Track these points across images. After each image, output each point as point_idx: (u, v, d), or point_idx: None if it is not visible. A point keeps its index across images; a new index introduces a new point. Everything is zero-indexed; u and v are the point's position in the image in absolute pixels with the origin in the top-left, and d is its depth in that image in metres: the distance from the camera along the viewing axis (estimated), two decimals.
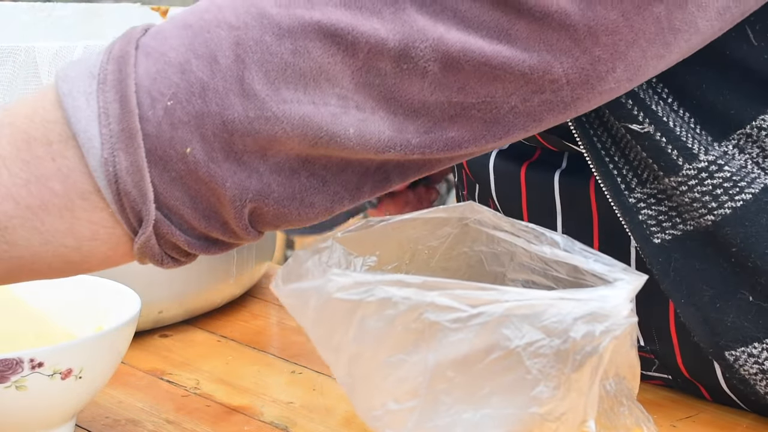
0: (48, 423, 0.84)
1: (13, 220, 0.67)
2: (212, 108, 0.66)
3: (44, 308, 0.94)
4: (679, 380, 0.95)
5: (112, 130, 0.66)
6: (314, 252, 0.74)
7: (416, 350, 0.69)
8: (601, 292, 0.68)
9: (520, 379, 0.68)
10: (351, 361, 0.70)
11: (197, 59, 0.66)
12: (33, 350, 0.80)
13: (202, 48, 0.66)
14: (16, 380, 0.79)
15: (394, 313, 0.69)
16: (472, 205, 0.76)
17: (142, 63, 0.67)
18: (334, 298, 0.69)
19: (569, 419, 0.68)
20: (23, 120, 0.67)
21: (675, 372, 0.95)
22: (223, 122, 0.66)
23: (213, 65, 0.66)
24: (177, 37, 0.67)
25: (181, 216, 0.69)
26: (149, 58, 0.67)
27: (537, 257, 0.74)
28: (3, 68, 0.99)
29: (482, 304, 0.68)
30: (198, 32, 0.67)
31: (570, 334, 0.67)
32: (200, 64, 0.66)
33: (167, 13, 1.32)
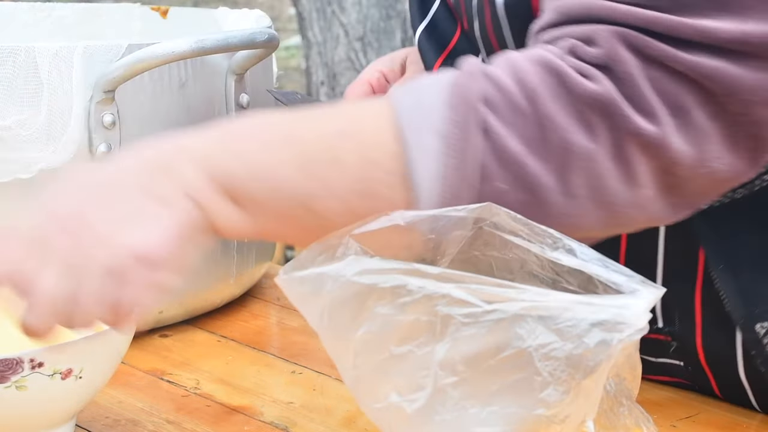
0: (48, 423, 0.84)
1: (337, 218, 0.74)
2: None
3: None
4: (690, 368, 0.95)
5: (447, 198, 0.74)
6: (328, 247, 0.74)
7: (425, 342, 0.69)
8: (621, 301, 0.68)
9: (530, 380, 0.68)
10: (358, 350, 0.70)
11: (540, 161, 0.74)
12: (33, 350, 0.80)
13: (545, 149, 0.74)
14: (16, 380, 0.79)
15: (408, 301, 0.69)
16: (490, 206, 0.76)
17: (490, 136, 0.74)
18: (350, 281, 0.69)
19: (572, 421, 0.68)
20: (368, 137, 0.75)
21: (691, 357, 0.94)
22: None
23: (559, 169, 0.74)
24: (520, 127, 0.74)
25: None
26: (498, 128, 0.74)
27: (549, 266, 0.74)
28: (3, 68, 0.99)
29: (498, 300, 0.68)
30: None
31: (584, 340, 0.67)
32: (541, 166, 0.74)
33: (167, 13, 1.32)
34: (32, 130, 0.99)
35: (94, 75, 1.01)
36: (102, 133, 1.02)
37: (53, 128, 1.00)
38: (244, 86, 1.10)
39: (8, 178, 1.00)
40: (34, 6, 1.34)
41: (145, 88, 1.04)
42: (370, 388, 0.70)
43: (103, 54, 1.01)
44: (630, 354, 0.70)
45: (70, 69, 1.00)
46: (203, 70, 1.07)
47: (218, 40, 1.03)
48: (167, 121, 1.06)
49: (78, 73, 1.00)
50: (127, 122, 1.03)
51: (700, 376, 0.95)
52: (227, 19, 1.25)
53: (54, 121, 1.00)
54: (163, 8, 1.32)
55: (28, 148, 0.99)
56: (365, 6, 4.31)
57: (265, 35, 1.05)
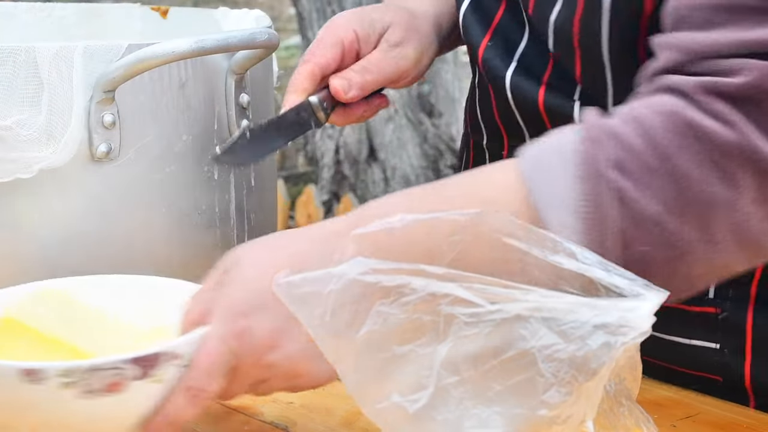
0: None
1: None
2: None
3: (102, 307, 0.95)
4: (727, 350, 0.95)
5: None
6: None
7: (428, 342, 0.69)
8: (626, 304, 0.68)
9: (532, 381, 0.68)
10: (361, 349, 0.70)
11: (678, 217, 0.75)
12: (171, 342, 0.81)
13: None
14: (156, 374, 0.80)
15: (411, 300, 0.69)
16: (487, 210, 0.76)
17: (622, 207, 0.75)
18: (354, 280, 0.69)
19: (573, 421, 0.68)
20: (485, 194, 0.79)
21: (733, 335, 0.94)
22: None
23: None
24: (655, 188, 0.75)
25: None
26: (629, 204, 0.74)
27: (549, 270, 0.74)
28: (3, 68, 0.99)
29: (502, 301, 0.68)
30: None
31: (587, 342, 0.67)
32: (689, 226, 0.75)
33: (167, 13, 1.32)
34: (32, 130, 0.99)
35: (94, 75, 1.01)
36: (102, 133, 1.02)
37: (53, 128, 1.00)
38: (244, 86, 1.10)
39: (8, 178, 1.00)
40: (34, 6, 1.34)
41: (145, 88, 1.04)
42: (372, 387, 0.70)
43: (103, 54, 1.01)
44: (631, 355, 0.70)
45: (70, 69, 1.00)
46: (203, 70, 1.07)
47: (218, 40, 1.03)
48: (167, 121, 1.06)
49: (78, 73, 1.00)
50: (127, 122, 1.03)
51: (732, 360, 0.95)
52: (227, 19, 1.25)
53: (54, 121, 1.00)
54: (163, 8, 1.32)
55: (29, 148, 0.99)
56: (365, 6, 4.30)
57: (265, 35, 1.05)
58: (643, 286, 0.70)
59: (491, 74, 1.01)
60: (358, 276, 0.70)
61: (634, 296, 0.70)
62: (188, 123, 1.07)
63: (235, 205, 1.12)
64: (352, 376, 0.71)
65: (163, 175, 1.06)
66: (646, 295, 0.69)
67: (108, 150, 1.02)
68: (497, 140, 1.04)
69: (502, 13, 1.00)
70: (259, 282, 0.78)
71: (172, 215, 1.07)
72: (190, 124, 1.07)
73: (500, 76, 0.99)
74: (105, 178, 1.03)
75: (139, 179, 1.05)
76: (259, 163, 1.13)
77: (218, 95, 1.09)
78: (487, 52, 1.00)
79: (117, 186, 1.04)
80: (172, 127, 1.06)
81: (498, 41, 0.99)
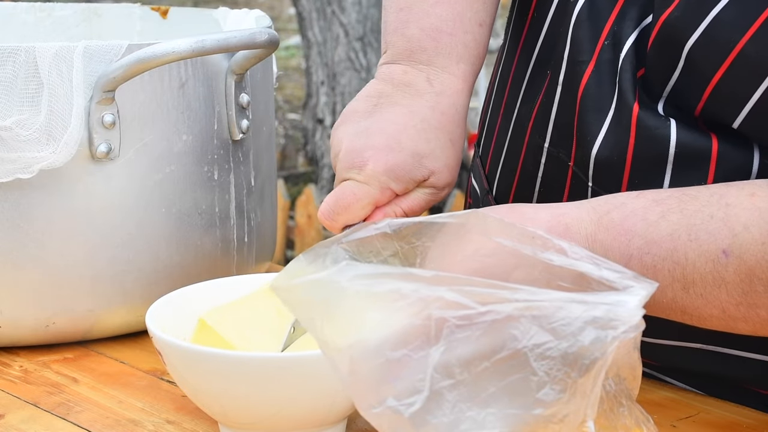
0: (335, 416, 0.88)
1: (713, 320, 0.82)
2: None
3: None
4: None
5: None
6: (316, 256, 0.74)
7: (421, 346, 0.69)
8: (614, 297, 0.68)
9: (526, 380, 0.68)
10: (354, 356, 0.70)
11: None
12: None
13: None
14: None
15: (402, 305, 0.69)
16: (476, 212, 0.75)
17: None
18: (344, 287, 0.69)
19: (571, 420, 0.68)
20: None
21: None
22: None
23: None
24: None
25: None
26: None
27: (541, 267, 0.74)
28: (3, 68, 0.99)
29: (491, 301, 0.68)
30: None
31: (578, 338, 0.67)
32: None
33: (167, 13, 1.32)
34: (32, 130, 0.99)
35: (94, 75, 1.01)
36: (102, 133, 1.02)
37: (53, 128, 1.00)
38: (244, 86, 1.10)
39: (8, 178, 1.00)
40: (34, 6, 1.34)
41: (145, 88, 1.04)
42: (367, 392, 0.70)
43: (103, 54, 1.01)
44: (629, 353, 0.70)
45: (70, 69, 1.00)
46: (203, 70, 1.07)
47: (218, 40, 1.03)
48: (167, 121, 1.06)
49: (78, 73, 1.00)
50: (127, 122, 1.03)
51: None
52: (227, 19, 1.25)
53: (54, 121, 1.00)
54: (163, 8, 1.32)
55: (29, 148, 0.99)
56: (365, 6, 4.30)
57: (265, 35, 1.05)
58: (633, 277, 0.70)
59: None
60: (347, 283, 0.69)
61: (623, 289, 0.70)
62: (188, 123, 1.07)
63: (235, 205, 1.12)
64: (348, 379, 0.71)
65: (163, 175, 1.06)
66: (635, 288, 0.69)
67: (108, 150, 1.02)
68: (566, 148, 0.97)
69: (617, 15, 0.94)
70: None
71: (172, 215, 1.07)
72: (190, 124, 1.07)
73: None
74: (105, 178, 1.03)
75: (139, 179, 1.05)
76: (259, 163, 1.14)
77: (218, 95, 1.09)
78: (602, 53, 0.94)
79: (117, 186, 1.04)
80: (172, 127, 1.06)
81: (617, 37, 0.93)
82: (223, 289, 0.97)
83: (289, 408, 0.85)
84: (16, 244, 1.02)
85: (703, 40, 0.85)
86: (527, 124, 1.01)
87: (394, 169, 0.91)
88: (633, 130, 0.90)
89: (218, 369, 0.84)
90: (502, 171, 1.05)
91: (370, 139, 0.92)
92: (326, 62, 4.30)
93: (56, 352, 1.07)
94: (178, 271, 1.07)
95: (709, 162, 0.88)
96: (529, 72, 1.02)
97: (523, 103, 1.03)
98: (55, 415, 0.94)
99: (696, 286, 0.80)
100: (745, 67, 0.84)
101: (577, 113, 0.94)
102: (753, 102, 0.84)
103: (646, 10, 0.91)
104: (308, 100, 4.43)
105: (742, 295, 0.79)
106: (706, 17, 0.85)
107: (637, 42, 0.91)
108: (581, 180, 0.94)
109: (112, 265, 1.05)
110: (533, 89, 1.01)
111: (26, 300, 1.04)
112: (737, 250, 0.78)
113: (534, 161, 1.00)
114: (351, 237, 0.74)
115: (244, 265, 1.14)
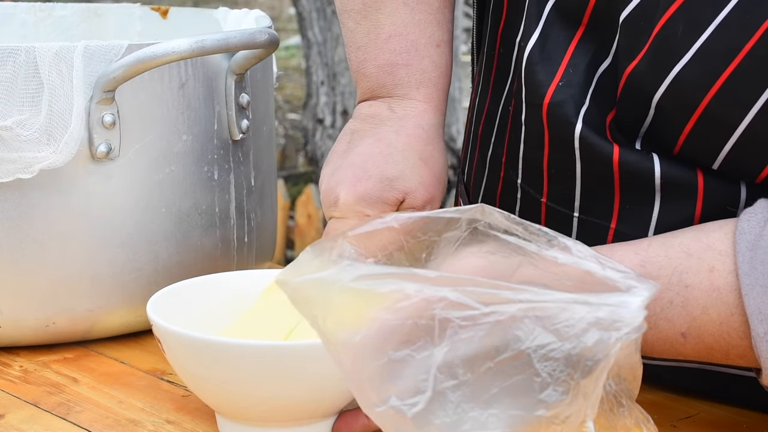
0: (324, 410, 0.88)
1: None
2: None
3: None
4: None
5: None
6: (323, 250, 0.74)
7: (424, 346, 0.69)
8: (617, 299, 0.68)
9: (529, 381, 0.68)
10: (357, 354, 0.70)
11: None
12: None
13: None
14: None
15: (405, 305, 0.69)
16: (483, 207, 0.75)
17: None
18: (347, 287, 0.69)
19: (572, 421, 0.68)
20: (714, 321, 0.80)
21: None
22: None
23: None
24: None
25: None
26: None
27: (545, 264, 0.74)
28: (3, 68, 0.99)
29: (495, 302, 0.68)
30: None
31: (581, 339, 0.67)
32: None
33: (167, 13, 1.32)
34: (33, 130, 0.99)
35: (94, 75, 1.01)
36: (102, 133, 1.02)
37: (54, 128, 1.00)
38: (244, 86, 1.10)
39: (8, 178, 1.00)
40: (34, 6, 1.34)
41: (145, 88, 1.04)
42: (370, 391, 0.70)
43: (103, 54, 1.01)
44: (630, 354, 0.70)
45: (71, 69, 1.00)
46: (203, 70, 1.07)
47: (218, 40, 1.03)
48: (167, 121, 1.06)
49: (78, 73, 1.00)
50: (127, 122, 1.03)
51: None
52: (227, 19, 1.25)
53: (54, 121, 1.00)
54: (163, 8, 1.32)
55: (29, 148, 0.99)
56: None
57: (265, 35, 1.05)
58: (636, 278, 0.70)
59: (557, 119, 0.92)
60: (350, 283, 0.69)
61: (627, 289, 0.70)
62: (188, 123, 1.07)
63: (235, 205, 1.12)
64: (351, 377, 0.71)
65: (163, 175, 1.06)
66: (638, 289, 0.69)
67: (108, 150, 1.02)
68: (536, 185, 0.97)
69: (575, 47, 0.93)
70: None
71: (172, 215, 1.07)
72: (190, 124, 1.07)
73: (570, 122, 0.91)
74: (105, 178, 1.03)
75: (139, 179, 1.05)
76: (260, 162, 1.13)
77: (218, 95, 1.09)
78: (556, 94, 0.92)
79: (117, 186, 1.04)
80: (172, 127, 1.06)
81: (571, 80, 0.92)
82: (225, 283, 0.98)
83: (284, 397, 0.85)
84: (16, 244, 1.02)
85: (670, 93, 0.85)
86: (501, 158, 1.01)
87: (364, 196, 0.94)
88: (616, 166, 0.90)
89: (217, 357, 0.84)
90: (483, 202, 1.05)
91: (340, 175, 0.95)
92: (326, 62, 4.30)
93: (56, 352, 1.07)
94: (178, 271, 1.07)
95: (696, 192, 0.88)
96: (501, 106, 1.03)
97: (497, 136, 1.03)
98: (55, 415, 0.94)
99: (654, 354, 0.83)
100: (712, 123, 0.84)
101: (547, 155, 0.94)
102: (726, 150, 0.85)
103: (600, 57, 0.91)
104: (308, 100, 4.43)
105: (699, 359, 0.83)
106: (670, 73, 0.85)
107: (597, 88, 0.91)
108: (563, 213, 0.95)
109: (112, 265, 1.05)
110: (503, 124, 1.01)
111: (26, 300, 1.04)
112: (695, 331, 0.81)
113: (511, 196, 1.00)
114: (357, 231, 0.74)
115: (244, 265, 1.15)
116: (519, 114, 0.97)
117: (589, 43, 0.91)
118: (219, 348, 0.84)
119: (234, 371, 0.84)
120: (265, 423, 0.87)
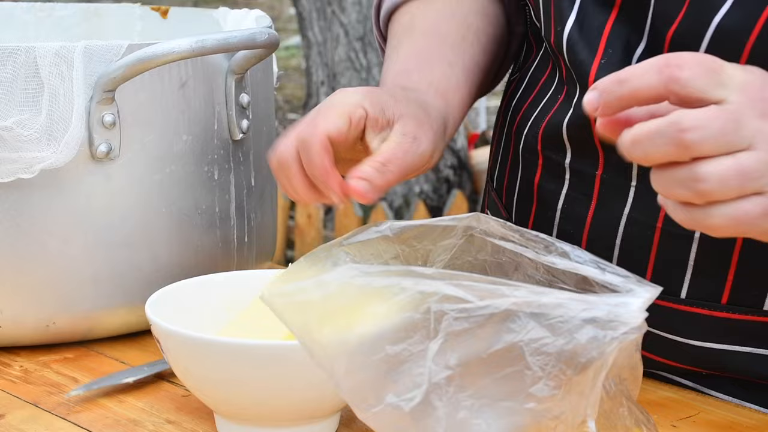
0: (324, 411, 0.88)
1: None
2: None
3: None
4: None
5: None
6: (318, 258, 0.74)
7: (420, 340, 0.69)
8: (616, 299, 0.68)
9: (520, 374, 0.68)
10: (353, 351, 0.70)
11: None
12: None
13: None
14: None
15: (401, 299, 0.69)
16: (478, 215, 0.76)
17: None
18: (346, 284, 0.69)
19: (569, 419, 0.68)
20: None
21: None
22: None
23: None
24: None
25: None
26: None
27: (543, 268, 0.74)
28: (3, 68, 0.99)
29: (490, 297, 0.68)
30: None
31: (575, 336, 0.67)
32: None
33: (167, 13, 1.32)
34: (33, 130, 0.99)
35: (94, 75, 1.01)
36: (102, 133, 1.02)
37: (54, 128, 1.00)
38: (244, 86, 1.10)
39: (9, 179, 1.00)
40: (34, 6, 1.34)
41: (145, 88, 1.04)
42: (367, 391, 0.71)
43: (103, 54, 1.01)
44: (630, 354, 0.70)
45: (71, 69, 1.00)
46: (203, 70, 1.07)
47: (218, 40, 1.03)
48: (167, 121, 1.06)
49: (78, 73, 1.00)
50: (127, 122, 1.03)
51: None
52: (227, 19, 1.25)
53: (54, 121, 1.00)
54: (163, 8, 1.32)
55: (29, 148, 0.99)
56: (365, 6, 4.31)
57: (265, 35, 1.05)
58: (637, 282, 0.70)
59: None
60: (350, 280, 0.70)
61: (627, 292, 0.70)
62: (188, 123, 1.07)
63: (235, 205, 1.12)
64: (345, 381, 0.71)
65: (163, 175, 1.06)
66: (638, 291, 0.69)
67: (108, 150, 1.02)
68: (589, 159, 0.98)
69: (610, 31, 0.96)
70: None
71: (172, 215, 1.07)
72: (190, 124, 1.07)
73: None
74: (105, 178, 1.03)
75: (139, 179, 1.05)
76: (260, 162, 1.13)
77: (218, 95, 1.09)
78: (600, 71, 0.95)
79: (117, 186, 1.04)
80: (172, 127, 1.06)
81: (612, 58, 0.95)
82: (225, 283, 0.98)
83: (284, 397, 0.85)
84: (16, 244, 1.02)
85: (714, 44, 0.88)
86: (537, 147, 1.03)
87: (367, 94, 0.94)
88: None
89: (216, 356, 0.84)
90: (521, 196, 1.07)
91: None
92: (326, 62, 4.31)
93: (56, 352, 1.07)
94: (178, 271, 1.07)
95: None
96: (539, 90, 1.05)
97: (531, 127, 1.05)
98: (55, 415, 0.94)
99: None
100: (758, 65, 0.84)
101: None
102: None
103: (633, 41, 0.94)
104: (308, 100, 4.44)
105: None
106: (710, 24, 0.88)
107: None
108: (623, 182, 0.96)
109: (112, 265, 1.05)
110: (546, 106, 1.04)
111: (26, 300, 1.04)
112: None
113: (554, 181, 1.02)
114: (352, 240, 0.75)
115: (244, 265, 1.15)
116: (564, 95, 1.00)
117: (624, 25, 0.95)
118: (218, 348, 0.84)
119: (233, 371, 0.84)
120: (264, 423, 0.87)
